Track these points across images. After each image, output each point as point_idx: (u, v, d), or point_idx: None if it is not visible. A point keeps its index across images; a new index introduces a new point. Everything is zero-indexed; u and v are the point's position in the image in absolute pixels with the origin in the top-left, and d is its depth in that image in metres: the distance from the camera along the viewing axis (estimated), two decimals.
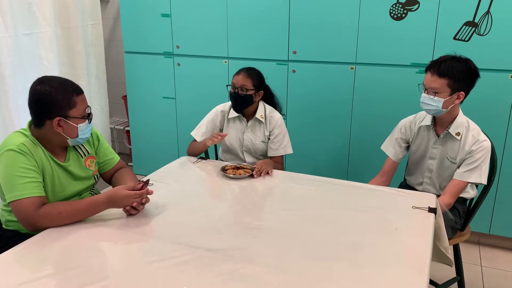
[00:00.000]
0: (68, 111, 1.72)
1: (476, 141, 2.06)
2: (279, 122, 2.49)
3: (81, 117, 1.75)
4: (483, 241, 3.02)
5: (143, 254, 1.51)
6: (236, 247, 1.55)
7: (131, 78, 3.61)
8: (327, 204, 1.93)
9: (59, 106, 1.70)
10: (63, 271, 1.40)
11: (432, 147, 2.18)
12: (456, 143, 2.11)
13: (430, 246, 1.57)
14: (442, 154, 2.16)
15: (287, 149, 2.51)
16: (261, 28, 3.09)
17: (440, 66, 2.01)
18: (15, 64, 2.74)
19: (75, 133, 1.76)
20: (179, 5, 3.28)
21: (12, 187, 1.64)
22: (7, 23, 2.67)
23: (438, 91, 2.01)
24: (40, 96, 1.70)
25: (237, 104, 2.43)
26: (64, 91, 1.70)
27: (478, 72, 2.04)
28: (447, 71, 1.99)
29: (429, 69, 2.05)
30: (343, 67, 2.95)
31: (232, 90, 2.40)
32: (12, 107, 2.75)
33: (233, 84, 2.40)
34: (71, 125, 1.73)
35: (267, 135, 2.49)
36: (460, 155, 2.11)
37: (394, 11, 2.75)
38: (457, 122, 2.11)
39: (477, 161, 2.05)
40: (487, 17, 2.57)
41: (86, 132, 1.80)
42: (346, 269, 1.44)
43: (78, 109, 1.74)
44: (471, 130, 2.09)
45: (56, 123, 1.71)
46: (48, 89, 1.69)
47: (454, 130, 2.10)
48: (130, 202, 1.70)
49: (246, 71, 2.41)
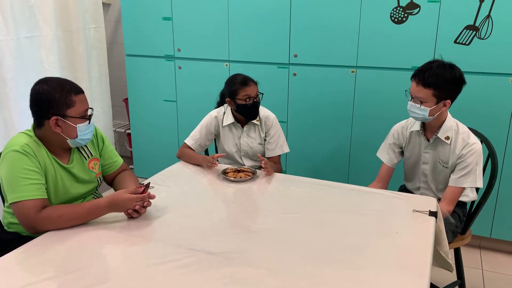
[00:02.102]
0: (65, 110, 1.71)
1: (466, 145, 2.05)
2: (274, 122, 2.50)
3: (80, 117, 1.74)
4: (484, 245, 3.02)
5: (144, 257, 1.51)
6: (237, 250, 1.55)
7: (132, 81, 3.62)
8: (328, 207, 1.93)
9: (56, 105, 1.69)
10: (65, 274, 1.40)
11: (424, 152, 2.18)
12: (446, 147, 2.11)
13: (431, 250, 1.57)
14: (434, 159, 2.16)
15: (284, 148, 2.52)
16: (262, 31, 3.09)
17: (425, 75, 1.98)
18: (16, 67, 2.75)
19: (74, 133, 1.75)
20: (180, 9, 3.29)
21: (14, 188, 1.64)
22: (9, 26, 2.68)
23: (424, 100, 2.00)
24: (38, 96, 1.70)
25: (256, 113, 2.43)
26: (61, 90, 1.70)
27: (464, 79, 2.02)
28: (432, 81, 1.97)
29: (414, 78, 2.03)
30: (344, 70, 2.96)
31: (250, 102, 2.35)
32: (13, 109, 2.76)
33: (248, 95, 2.34)
34: (70, 125, 1.72)
35: (263, 137, 2.50)
36: (452, 159, 2.10)
37: (395, 14, 2.75)
38: (445, 126, 2.09)
39: (469, 165, 2.04)
40: (488, 21, 2.57)
41: (87, 133, 1.78)
42: (346, 272, 1.44)
43: (77, 109, 1.73)
44: (461, 133, 2.08)
45: (53, 123, 1.70)
46: (45, 88, 1.69)
47: (443, 135, 2.09)
48: (132, 206, 1.71)
49: (251, 79, 2.40)
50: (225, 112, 2.49)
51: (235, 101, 2.38)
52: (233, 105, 2.41)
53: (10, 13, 2.68)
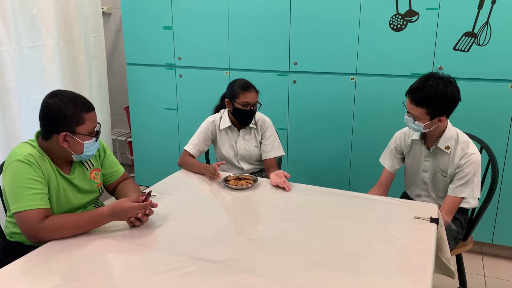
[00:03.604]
0: (75, 127, 1.72)
1: (465, 155, 2.05)
2: (270, 124, 2.53)
3: (88, 134, 1.75)
4: (486, 251, 3.01)
5: (146, 266, 1.51)
6: (238, 258, 1.56)
7: (133, 90, 3.63)
8: (329, 214, 1.93)
9: (67, 121, 1.70)
10: (67, 283, 1.40)
11: (424, 160, 2.19)
12: (446, 156, 2.11)
13: (432, 257, 1.57)
14: (434, 167, 2.16)
15: (279, 151, 2.53)
16: (262, 39, 3.11)
17: (417, 95, 1.98)
18: (18, 76, 2.77)
19: (81, 149, 1.76)
20: (181, 18, 3.31)
21: (17, 198, 1.64)
22: (11, 36, 2.70)
23: (417, 118, 2.02)
24: (49, 109, 1.70)
25: (249, 120, 2.46)
26: (74, 107, 1.70)
27: (458, 97, 2.00)
28: (424, 101, 1.97)
29: (408, 94, 2.04)
30: (343, 77, 2.97)
31: (247, 108, 2.39)
32: (15, 118, 2.77)
33: (247, 102, 2.37)
34: (77, 141, 1.74)
35: (259, 140, 2.52)
36: (451, 168, 2.10)
37: (394, 22, 2.77)
38: (445, 136, 2.09)
39: (467, 175, 2.04)
40: (486, 28, 2.59)
41: (92, 149, 1.79)
42: (348, 279, 1.44)
43: (86, 126, 1.74)
44: (460, 143, 2.08)
45: (62, 138, 1.71)
46: (58, 103, 1.69)
47: (443, 144, 2.10)
48: (134, 214, 1.71)
49: (253, 86, 2.43)
50: (221, 117, 2.52)
51: (233, 103, 2.41)
52: (230, 106, 2.45)
53: (13, 23, 2.70)
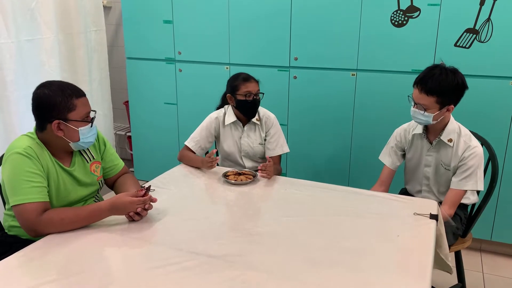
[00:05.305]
0: (67, 114, 1.71)
1: (468, 147, 2.06)
2: (274, 121, 2.51)
3: (82, 120, 1.75)
4: (485, 248, 3.02)
5: (145, 260, 1.51)
6: (237, 253, 1.55)
7: (133, 84, 3.62)
8: (328, 210, 1.93)
9: (57, 108, 1.70)
10: (66, 277, 1.40)
11: (426, 154, 2.19)
12: (449, 149, 2.11)
13: (431, 253, 1.57)
14: (437, 161, 2.17)
15: (284, 148, 2.52)
16: (262, 34, 3.10)
17: (427, 83, 1.98)
18: (17, 70, 2.75)
19: (77, 136, 1.75)
20: (181, 12, 3.29)
21: (16, 191, 1.64)
22: (10, 29, 2.68)
23: (427, 107, 2.01)
24: (39, 100, 1.71)
25: (254, 111, 2.44)
26: (62, 94, 1.70)
27: (466, 84, 2.02)
28: (435, 89, 1.97)
29: (416, 85, 2.03)
30: (344, 73, 2.96)
31: (250, 98, 2.38)
32: (13, 112, 2.76)
33: (249, 92, 2.37)
34: (72, 128, 1.73)
35: (263, 137, 2.50)
36: (454, 161, 2.11)
37: (395, 18, 2.76)
38: (448, 129, 2.10)
39: (471, 168, 2.05)
40: (488, 24, 2.58)
41: (89, 136, 1.79)
42: (347, 275, 1.44)
43: (78, 112, 1.73)
44: (463, 136, 2.09)
45: (55, 126, 1.71)
46: (46, 93, 1.70)
47: (446, 137, 2.10)
48: (133, 209, 1.71)
49: (251, 77, 2.43)
50: (225, 112, 2.50)
51: (235, 96, 2.40)
52: (233, 101, 2.43)
53: (11, 16, 2.68)
